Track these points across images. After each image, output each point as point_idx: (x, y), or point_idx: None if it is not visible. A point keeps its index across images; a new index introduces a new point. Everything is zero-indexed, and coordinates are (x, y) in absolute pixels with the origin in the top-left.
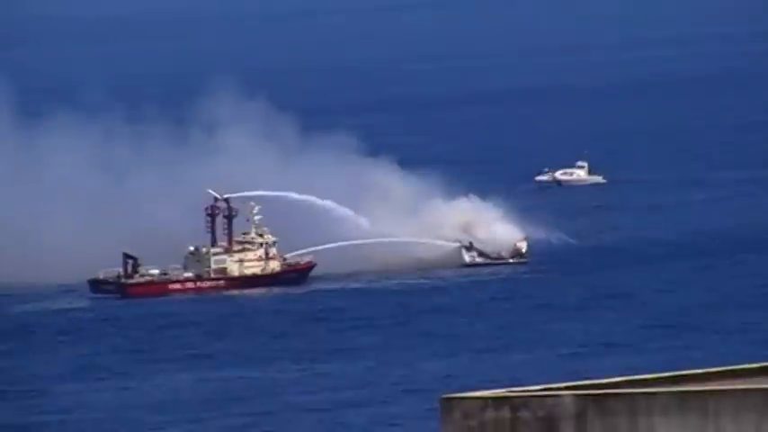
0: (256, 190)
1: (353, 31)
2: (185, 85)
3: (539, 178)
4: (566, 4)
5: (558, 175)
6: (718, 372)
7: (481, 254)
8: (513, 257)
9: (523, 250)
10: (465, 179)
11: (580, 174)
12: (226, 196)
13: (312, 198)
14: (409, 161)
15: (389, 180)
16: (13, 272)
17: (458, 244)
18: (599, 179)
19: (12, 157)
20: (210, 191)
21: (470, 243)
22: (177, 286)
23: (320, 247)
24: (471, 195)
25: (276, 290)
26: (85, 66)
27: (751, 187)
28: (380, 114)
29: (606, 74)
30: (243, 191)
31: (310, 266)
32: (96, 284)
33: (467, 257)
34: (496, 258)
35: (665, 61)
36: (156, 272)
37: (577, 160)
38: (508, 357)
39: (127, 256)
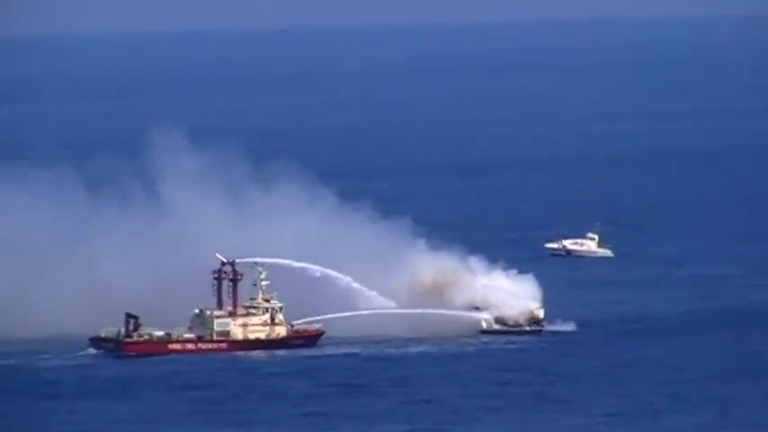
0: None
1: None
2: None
3: (549, 245)
4: (580, 75)
5: (569, 244)
6: None
7: (498, 320)
8: (530, 325)
9: (541, 317)
10: (483, 248)
11: (590, 245)
12: (231, 260)
13: (322, 269)
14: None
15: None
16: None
17: (480, 315)
18: (608, 252)
19: None
20: (218, 255)
21: (477, 308)
22: (177, 347)
23: (331, 316)
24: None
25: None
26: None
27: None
28: (388, 180)
29: (624, 144)
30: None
31: (318, 334)
32: (97, 342)
33: (484, 324)
34: (514, 326)
35: (680, 134)
36: (159, 333)
37: (588, 231)
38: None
39: (129, 315)
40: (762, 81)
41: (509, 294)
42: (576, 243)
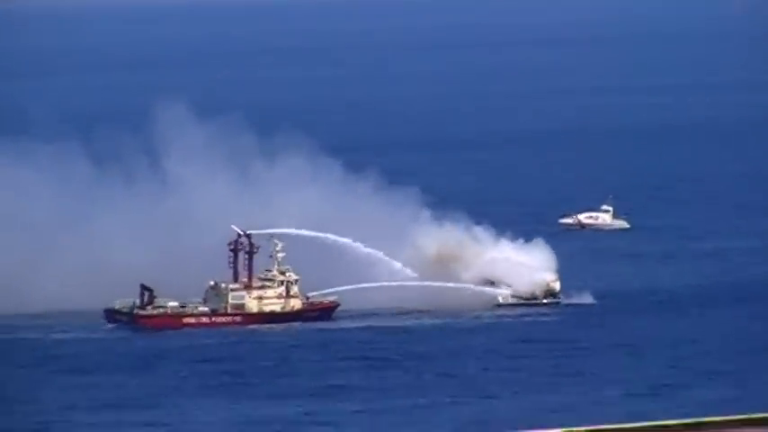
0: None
1: (373, 68)
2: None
3: (563, 221)
4: (595, 48)
5: (583, 218)
6: (737, 420)
7: (515, 294)
8: (546, 297)
9: (557, 290)
10: (493, 220)
11: (605, 218)
12: (248, 232)
13: (335, 237)
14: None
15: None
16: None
17: (497, 290)
18: (623, 224)
19: None
20: (234, 227)
21: (493, 282)
22: (191, 320)
23: (347, 288)
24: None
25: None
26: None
27: None
28: (402, 154)
29: (635, 116)
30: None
31: (333, 306)
32: (111, 314)
33: (499, 297)
34: (529, 299)
35: (695, 107)
36: (174, 304)
37: (602, 204)
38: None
39: (144, 287)
40: None
41: (523, 266)
42: (590, 217)
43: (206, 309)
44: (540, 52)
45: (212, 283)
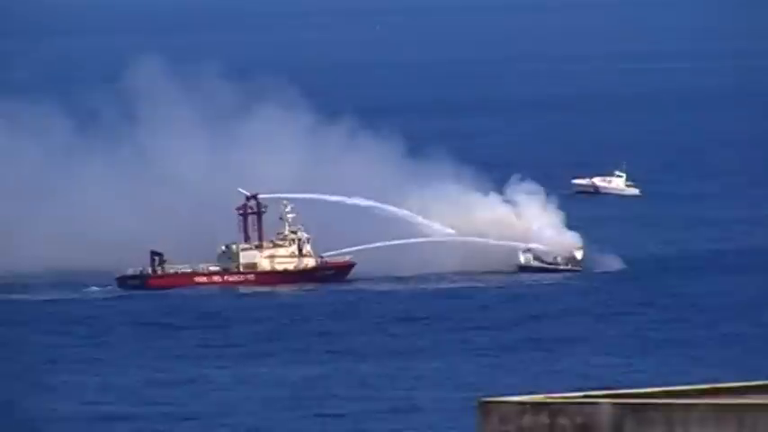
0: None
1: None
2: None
3: (577, 182)
4: (614, 13)
5: (598, 181)
6: (756, 386)
7: (537, 257)
8: (567, 264)
9: (579, 258)
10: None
11: (618, 183)
12: (255, 194)
13: (350, 199)
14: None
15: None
16: None
17: (519, 244)
18: (635, 191)
19: None
20: (241, 190)
21: (528, 248)
22: (203, 279)
23: (367, 246)
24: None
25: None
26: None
27: None
28: (415, 117)
29: (651, 83)
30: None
31: (349, 265)
32: (123, 280)
33: (522, 259)
34: (551, 264)
35: (710, 73)
36: (187, 270)
37: (615, 170)
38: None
39: (154, 253)
40: None
41: (547, 228)
42: (604, 180)
43: (217, 268)
44: (554, 16)
45: (224, 246)
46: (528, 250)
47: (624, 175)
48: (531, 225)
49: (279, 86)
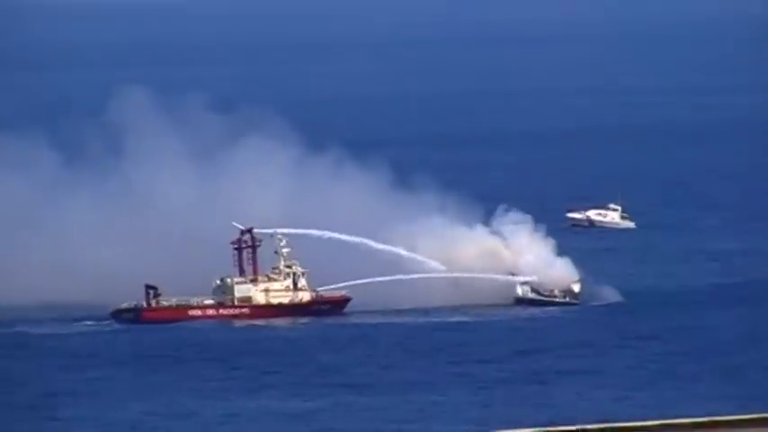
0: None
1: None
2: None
3: (571, 215)
4: (606, 46)
5: (593, 215)
6: (753, 419)
7: (534, 290)
8: (565, 297)
9: (576, 291)
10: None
11: (613, 216)
12: (250, 228)
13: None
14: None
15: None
16: None
17: (516, 278)
18: (630, 224)
19: None
20: (235, 224)
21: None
22: (197, 313)
23: (362, 281)
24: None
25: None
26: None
27: None
28: (410, 149)
29: (646, 116)
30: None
31: (344, 299)
32: (118, 314)
33: (519, 291)
34: (548, 296)
35: (707, 108)
36: (181, 302)
37: (610, 203)
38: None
39: (148, 286)
40: None
41: (543, 262)
42: (599, 214)
43: (212, 301)
44: (552, 49)
45: (218, 280)
46: (525, 283)
47: (620, 208)
48: (521, 257)
49: (266, 118)
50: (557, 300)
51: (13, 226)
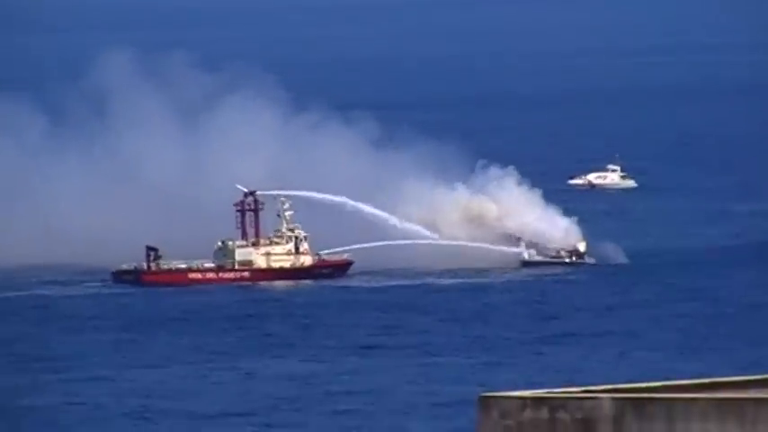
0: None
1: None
2: None
3: (572, 182)
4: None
5: (593, 178)
6: (757, 380)
7: (540, 252)
8: (571, 257)
9: (582, 250)
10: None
11: (614, 177)
12: (253, 191)
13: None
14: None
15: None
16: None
17: (517, 249)
18: (632, 183)
19: None
20: (239, 186)
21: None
22: (197, 276)
23: (363, 245)
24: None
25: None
26: None
27: None
28: (400, 112)
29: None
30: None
31: (346, 263)
32: (118, 275)
33: (525, 254)
34: (555, 257)
35: (708, 66)
36: (182, 266)
37: (609, 164)
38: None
39: (149, 248)
40: None
41: (547, 223)
42: (599, 177)
43: (212, 265)
44: (554, 10)
45: (220, 243)
46: (518, 239)
47: (618, 168)
48: (522, 218)
49: (252, 75)
50: (564, 260)
51: (3, 192)
